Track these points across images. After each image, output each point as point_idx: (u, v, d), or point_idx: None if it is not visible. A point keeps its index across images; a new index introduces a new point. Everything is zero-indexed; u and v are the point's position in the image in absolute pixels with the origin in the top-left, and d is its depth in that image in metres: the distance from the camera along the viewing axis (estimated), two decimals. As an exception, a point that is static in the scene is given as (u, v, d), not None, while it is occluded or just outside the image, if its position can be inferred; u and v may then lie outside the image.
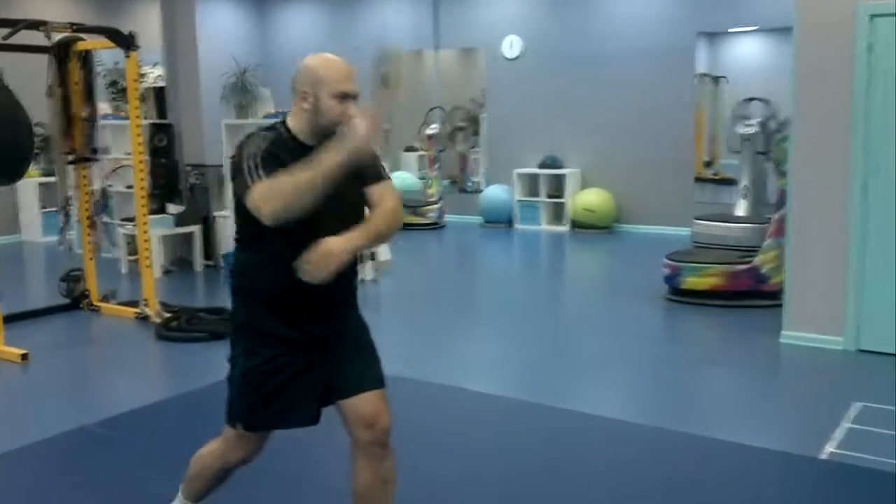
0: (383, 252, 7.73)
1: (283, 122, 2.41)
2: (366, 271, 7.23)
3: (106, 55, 8.26)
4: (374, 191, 2.40)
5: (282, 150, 2.29)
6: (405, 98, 10.40)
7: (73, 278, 6.28)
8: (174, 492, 2.75)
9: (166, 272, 7.61)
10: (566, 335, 5.77)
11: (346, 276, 2.39)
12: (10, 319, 5.52)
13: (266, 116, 7.55)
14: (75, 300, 6.24)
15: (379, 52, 2.35)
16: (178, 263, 7.89)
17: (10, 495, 3.38)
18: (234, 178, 2.32)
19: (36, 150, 6.36)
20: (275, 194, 2.17)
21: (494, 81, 10.82)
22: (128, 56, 5.81)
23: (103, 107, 8.17)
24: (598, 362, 5.09)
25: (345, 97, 2.31)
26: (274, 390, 2.41)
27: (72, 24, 5.61)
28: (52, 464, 3.69)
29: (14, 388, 4.77)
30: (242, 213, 2.31)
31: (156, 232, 7.48)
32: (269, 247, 2.34)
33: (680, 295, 6.33)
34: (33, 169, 8.46)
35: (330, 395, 2.46)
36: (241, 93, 7.57)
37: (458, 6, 11.01)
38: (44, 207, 9.23)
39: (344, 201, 2.32)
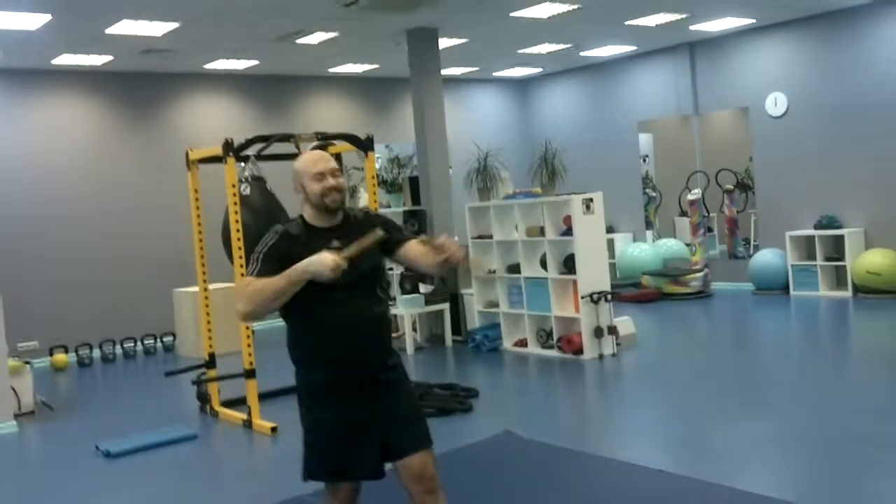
0: (625, 325, 7.59)
1: (301, 216, 2.85)
2: (605, 346, 7.13)
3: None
4: (409, 245, 2.83)
5: (292, 240, 2.73)
6: (666, 163, 10.28)
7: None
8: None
9: (418, 349, 8.08)
10: (856, 422, 4.86)
11: (376, 330, 2.79)
12: (268, 396, 6.21)
13: (506, 197, 7.85)
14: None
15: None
16: (432, 340, 8.34)
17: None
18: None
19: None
20: (248, 297, 2.65)
21: (761, 141, 10.28)
22: (366, 157, 6.40)
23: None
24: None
25: (321, 176, 2.74)
26: (333, 444, 2.77)
27: (317, 134, 6.31)
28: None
29: (258, 458, 5.35)
30: None
31: (409, 311, 8.02)
32: (304, 316, 2.74)
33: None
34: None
35: (388, 455, 2.79)
36: (483, 176, 7.93)
37: (716, 68, 10.68)
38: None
39: (363, 266, 2.71)
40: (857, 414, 5.05)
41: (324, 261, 2.57)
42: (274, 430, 5.59)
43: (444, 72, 11.01)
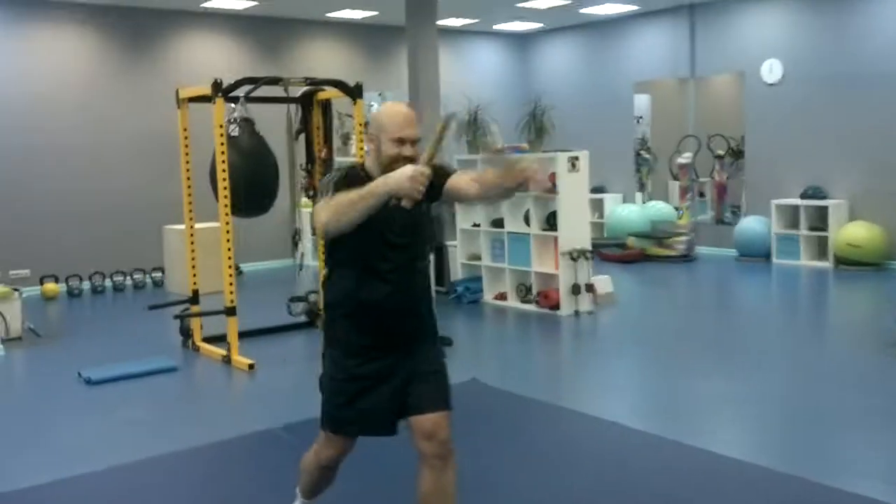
0: (604, 283, 7.74)
1: (362, 164, 2.79)
2: (581, 302, 7.29)
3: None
4: (455, 178, 2.75)
5: (354, 181, 2.59)
6: (661, 126, 10.30)
7: (300, 299, 6.98)
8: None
9: (400, 296, 8.24)
10: (820, 391, 4.98)
11: (419, 289, 2.78)
12: (248, 334, 6.38)
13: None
14: (311, 319, 7.01)
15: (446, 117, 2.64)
16: (415, 288, 8.49)
17: (194, 484, 3.99)
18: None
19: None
20: (329, 209, 2.52)
21: (754, 107, 10.31)
22: (354, 103, 6.48)
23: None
24: (861, 425, 4.37)
25: (402, 142, 2.65)
26: (355, 396, 2.73)
27: (306, 79, 6.37)
28: (236, 459, 4.25)
29: (234, 392, 5.53)
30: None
31: (393, 259, 8.15)
32: (347, 263, 2.72)
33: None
34: (306, 201, 9.56)
35: (404, 411, 2.74)
36: (472, 129, 8.01)
37: (714, 31, 10.67)
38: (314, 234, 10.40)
39: (411, 215, 2.60)
40: (826, 381, 5.21)
41: (403, 172, 2.40)
42: (251, 366, 5.77)
43: (443, 22, 11.01)
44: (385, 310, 2.70)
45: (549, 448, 4.23)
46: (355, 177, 2.66)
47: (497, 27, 12.39)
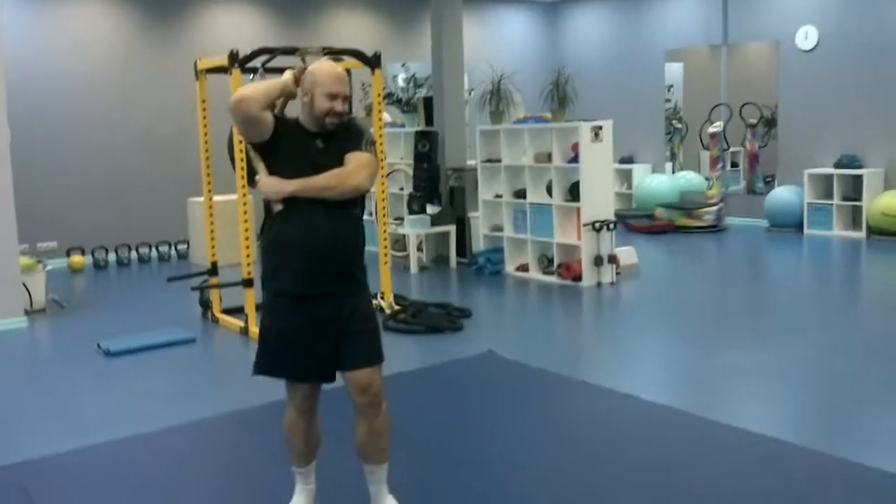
0: (627, 255, 7.62)
1: (297, 119, 2.99)
2: (604, 274, 7.19)
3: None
4: (347, 156, 2.89)
5: (285, 122, 2.94)
6: (693, 95, 10.08)
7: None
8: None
9: (423, 268, 8.21)
10: (850, 364, 4.84)
11: (344, 243, 2.90)
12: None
13: (517, 121, 7.82)
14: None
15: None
16: (437, 261, 8.46)
17: (210, 454, 4.00)
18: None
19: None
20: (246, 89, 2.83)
21: (788, 75, 10.05)
22: (373, 73, 6.40)
23: (385, 117, 8.96)
24: (892, 399, 4.26)
25: (333, 97, 2.87)
26: (288, 342, 2.90)
27: (323, 49, 6.29)
28: (252, 429, 4.25)
29: (250, 363, 5.52)
30: None
31: (415, 231, 8.11)
32: (276, 213, 2.89)
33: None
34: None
35: (338, 363, 2.92)
36: (495, 99, 7.89)
37: (747, -3, 10.39)
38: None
39: (327, 165, 2.85)
40: (857, 354, 5.07)
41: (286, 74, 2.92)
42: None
43: (468, -9, 10.85)
44: (308, 248, 2.82)
45: (566, 421, 4.19)
46: (284, 121, 2.95)
47: (525, -5, 12.19)
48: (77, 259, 8.90)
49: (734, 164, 11.25)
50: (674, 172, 11.48)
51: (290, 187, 2.81)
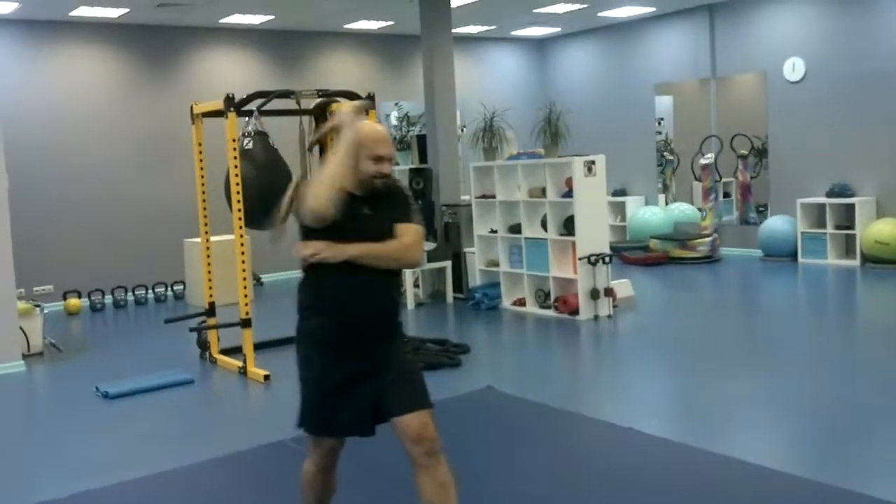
0: (623, 287, 7.66)
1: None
2: (601, 307, 7.22)
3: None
4: (400, 227, 2.85)
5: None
6: (683, 127, 10.20)
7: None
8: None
9: (419, 304, 8.23)
10: (848, 393, 4.83)
11: (389, 304, 2.88)
12: (264, 346, 6.39)
13: (510, 157, 7.90)
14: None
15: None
16: (434, 296, 8.48)
17: (209, 498, 3.98)
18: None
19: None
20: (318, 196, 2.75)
21: (777, 106, 10.18)
22: (367, 114, 6.47)
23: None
24: (892, 427, 4.27)
25: (380, 160, 2.81)
26: (325, 396, 2.83)
27: (318, 91, 6.38)
28: (251, 471, 4.24)
29: (249, 404, 5.54)
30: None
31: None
32: (315, 267, 2.85)
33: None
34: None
35: (383, 414, 2.81)
36: (488, 136, 7.97)
37: (735, 31, 10.56)
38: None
39: (376, 231, 2.81)
40: (854, 383, 5.08)
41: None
42: (267, 377, 5.77)
43: (459, 30, 11.03)
44: (345, 301, 2.80)
45: (568, 456, 4.18)
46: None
47: (515, 33, 12.35)
48: (74, 302, 8.91)
49: (727, 195, 11.34)
50: (667, 204, 11.56)
51: (352, 252, 2.74)
